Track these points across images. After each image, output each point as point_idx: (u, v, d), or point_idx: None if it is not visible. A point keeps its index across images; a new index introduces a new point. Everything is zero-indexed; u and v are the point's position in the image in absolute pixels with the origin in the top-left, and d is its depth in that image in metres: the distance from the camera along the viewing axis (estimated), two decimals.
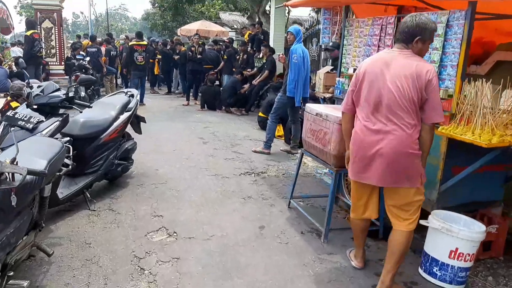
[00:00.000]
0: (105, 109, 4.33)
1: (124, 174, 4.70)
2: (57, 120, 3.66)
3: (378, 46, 4.14)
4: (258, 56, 11.82)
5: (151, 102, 11.33)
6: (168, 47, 13.38)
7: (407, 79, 2.46)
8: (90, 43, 12.27)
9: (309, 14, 27.12)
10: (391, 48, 2.90)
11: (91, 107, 3.95)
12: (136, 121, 4.97)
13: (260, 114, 7.99)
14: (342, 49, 4.81)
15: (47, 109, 3.69)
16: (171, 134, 7.16)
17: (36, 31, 8.64)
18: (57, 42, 11.01)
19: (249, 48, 10.95)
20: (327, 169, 4.58)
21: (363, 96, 2.64)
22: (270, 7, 20.35)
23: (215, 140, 6.86)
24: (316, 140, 3.65)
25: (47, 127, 3.49)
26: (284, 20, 11.69)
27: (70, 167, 3.13)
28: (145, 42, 11.18)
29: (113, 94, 5.05)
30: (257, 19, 19.68)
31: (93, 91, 10.56)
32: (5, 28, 13.03)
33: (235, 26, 25.43)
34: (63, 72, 11.14)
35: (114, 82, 12.51)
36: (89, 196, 4.02)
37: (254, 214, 3.92)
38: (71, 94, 3.94)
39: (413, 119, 2.49)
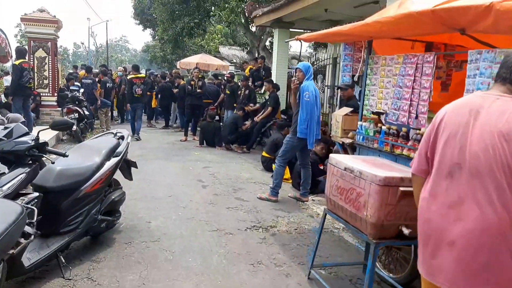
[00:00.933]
0: (88, 154, 3.60)
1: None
2: (24, 172, 2.93)
3: (413, 88, 3.51)
4: (260, 92, 11.30)
5: (147, 136, 10.64)
6: (167, 80, 12.84)
7: (506, 136, 1.71)
8: (86, 74, 11.72)
9: (306, 51, 27.10)
10: (487, 90, 2.09)
11: (66, 155, 3.22)
12: (126, 166, 4.25)
13: (264, 154, 7.30)
14: (365, 90, 4.19)
15: (12, 158, 2.96)
16: (167, 176, 6.42)
17: (25, 60, 8.01)
18: (50, 72, 10.39)
19: (250, 83, 10.42)
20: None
21: (438, 154, 1.92)
22: (270, 42, 20.14)
23: (216, 183, 6.12)
24: (346, 201, 2.93)
25: (8, 182, 2.75)
26: (287, 55, 11.20)
27: (32, 237, 2.38)
28: (143, 75, 10.90)
29: (100, 136, 4.33)
30: (257, 54, 19.45)
31: (86, 125, 9.88)
32: (2, 56, 12.48)
33: (234, 61, 25.21)
34: (55, 103, 10.47)
35: (110, 115, 11.86)
36: (63, 261, 3.23)
37: None
38: (43, 140, 3.19)
39: (510, 196, 1.72)
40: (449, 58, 3.97)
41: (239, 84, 10.82)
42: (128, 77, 10.79)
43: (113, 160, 3.72)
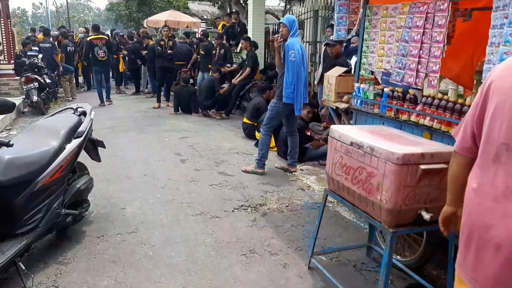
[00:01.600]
0: (43, 137, 3.00)
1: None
2: None
3: (422, 43, 3.01)
4: (236, 51, 10.58)
5: (116, 104, 9.89)
6: (135, 40, 11.88)
7: None
8: (44, 37, 10.63)
9: (279, 4, 25.94)
10: None
11: (10, 145, 2.62)
12: (91, 146, 3.67)
13: (245, 120, 6.77)
14: (362, 46, 3.66)
15: None
16: (141, 150, 5.85)
17: None
18: (4, 37, 9.32)
19: (224, 41, 9.67)
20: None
21: (484, 130, 1.48)
22: None
23: (195, 156, 5.61)
24: (353, 182, 2.49)
25: None
26: (264, 9, 10.42)
27: None
28: (104, 36, 10.05)
29: (57, 113, 3.68)
30: (229, 10, 18.35)
31: (48, 94, 9.03)
32: None
33: (205, 17, 23.93)
34: (13, 72, 9.49)
35: (74, 82, 10.93)
36: (23, 268, 2.72)
37: (264, 286, 2.74)
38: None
39: None
40: (455, 6, 3.47)
41: (213, 43, 10.06)
42: (88, 39, 9.75)
43: (75, 142, 3.14)
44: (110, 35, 13.23)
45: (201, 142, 6.31)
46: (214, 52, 9.45)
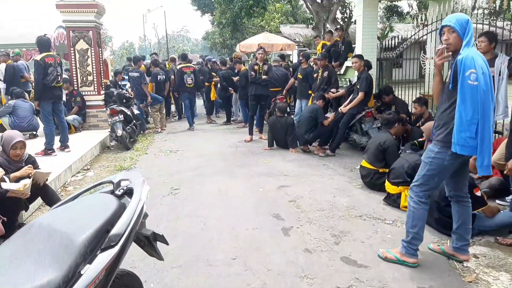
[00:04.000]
0: (35, 260, 1.51)
1: None
2: None
3: None
4: (340, 72, 8.84)
5: (205, 137, 8.68)
6: (227, 66, 10.77)
7: None
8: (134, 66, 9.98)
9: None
10: None
11: None
12: (146, 241, 2.15)
13: (365, 164, 4.92)
14: None
15: None
16: (230, 208, 4.31)
17: (50, 53, 6.26)
18: (94, 67, 8.77)
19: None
20: None
21: None
22: (341, 13, 17.27)
23: (302, 221, 3.89)
24: None
25: None
26: (376, 22, 8.54)
27: None
28: (192, 65, 10.00)
29: (86, 190, 2.25)
30: (323, 30, 16.73)
31: (134, 127, 8.11)
32: (66, 54, 11.34)
33: (297, 39, 22.64)
34: (102, 103, 8.87)
35: (164, 112, 10.06)
36: None
37: None
38: None
39: None
40: None
41: (313, 65, 8.44)
42: (178, 67, 9.70)
43: (102, 259, 1.61)
44: (202, 62, 12.42)
45: (305, 195, 4.60)
46: (315, 75, 7.81)
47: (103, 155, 7.29)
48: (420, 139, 4.99)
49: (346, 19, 17.00)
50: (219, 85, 10.71)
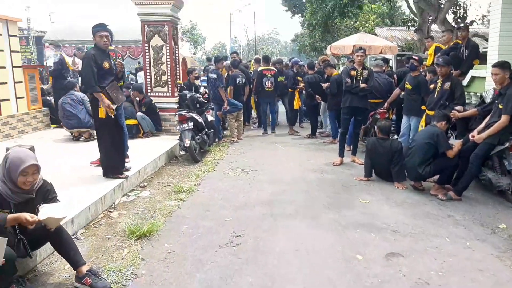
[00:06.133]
0: None
1: None
2: None
3: None
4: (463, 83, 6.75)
5: (284, 155, 7.20)
6: (315, 70, 9.18)
7: None
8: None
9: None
10: None
11: None
12: None
13: None
14: None
15: None
16: (310, 279, 2.78)
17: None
18: (168, 66, 7.80)
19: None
20: None
21: None
22: (453, 12, 14.60)
23: None
24: None
25: None
26: None
27: None
28: (273, 68, 9.20)
29: None
30: (426, 32, 14.24)
31: (205, 137, 6.93)
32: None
33: (395, 43, 20.11)
34: (175, 106, 7.89)
35: (242, 119, 8.80)
36: None
37: None
38: None
39: None
40: None
41: (425, 74, 6.50)
42: (259, 69, 9.09)
43: None
44: (287, 65, 10.96)
45: (433, 280, 2.86)
46: (432, 86, 5.89)
47: (167, 168, 6.19)
48: None
49: (459, 20, 14.30)
50: (304, 92, 9.18)
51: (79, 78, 7.91)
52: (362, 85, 6.12)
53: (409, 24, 17.87)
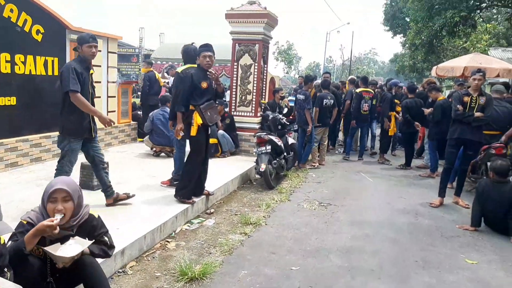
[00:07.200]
0: None
1: None
2: None
3: None
4: None
5: (370, 185, 6.30)
6: (416, 93, 8.09)
7: None
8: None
9: None
10: None
11: None
12: None
13: None
14: None
15: None
16: None
17: (195, 65, 4.91)
18: (255, 85, 7.47)
19: None
20: None
21: None
22: None
23: None
24: None
25: None
26: None
27: None
28: (371, 90, 8.61)
29: None
30: None
31: (282, 162, 6.37)
32: None
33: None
34: (257, 127, 7.50)
35: (326, 143, 8.07)
36: None
37: None
38: None
39: None
40: None
41: None
42: (357, 91, 8.50)
43: None
44: (385, 86, 9.98)
45: None
46: None
47: (239, 192, 5.76)
48: None
49: None
50: (400, 117, 8.11)
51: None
52: (477, 114, 5.02)
53: None
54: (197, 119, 4.42)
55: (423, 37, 20.02)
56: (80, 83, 3.71)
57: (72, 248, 2.26)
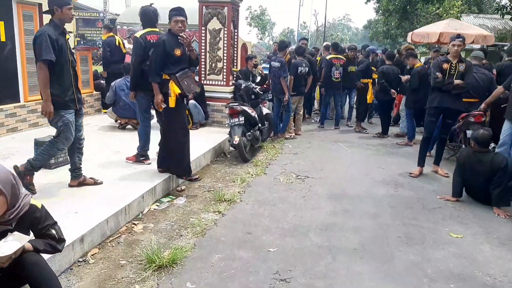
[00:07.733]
0: None
1: None
2: None
3: None
4: None
5: (347, 155, 6.12)
6: (394, 61, 7.85)
7: None
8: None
9: None
10: None
11: None
12: None
13: None
14: None
15: None
16: None
17: (155, 29, 4.37)
18: (225, 51, 6.99)
19: None
20: None
21: None
22: None
23: None
24: None
25: None
26: None
27: None
28: (342, 57, 8.24)
29: None
30: None
31: (257, 133, 6.06)
32: None
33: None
34: (229, 97, 7.09)
35: (301, 113, 7.79)
36: None
37: None
38: None
39: None
40: None
41: None
42: (328, 57, 8.06)
43: None
44: (361, 52, 9.68)
45: None
46: None
47: (212, 166, 5.43)
48: None
49: None
50: (376, 84, 7.92)
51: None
52: (457, 81, 4.81)
53: (504, 11, 15.34)
54: (174, 89, 4.07)
55: (396, 3, 19.72)
56: (57, 50, 3.31)
57: (9, 245, 1.89)
